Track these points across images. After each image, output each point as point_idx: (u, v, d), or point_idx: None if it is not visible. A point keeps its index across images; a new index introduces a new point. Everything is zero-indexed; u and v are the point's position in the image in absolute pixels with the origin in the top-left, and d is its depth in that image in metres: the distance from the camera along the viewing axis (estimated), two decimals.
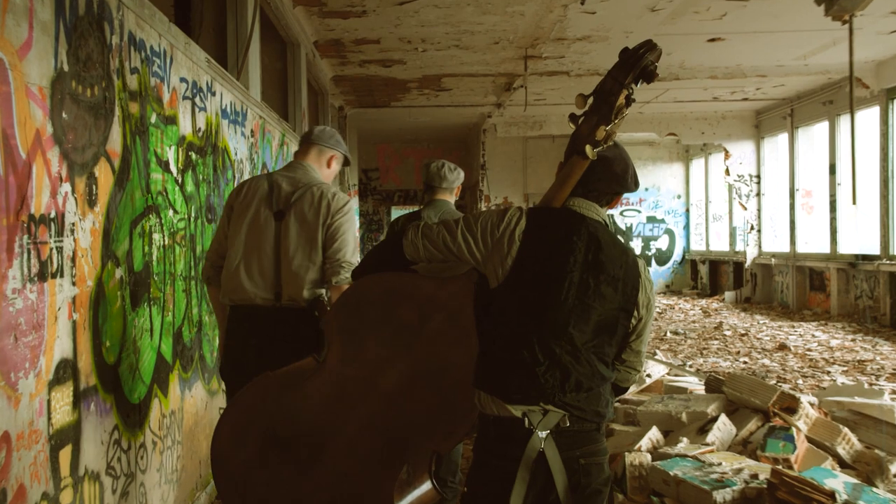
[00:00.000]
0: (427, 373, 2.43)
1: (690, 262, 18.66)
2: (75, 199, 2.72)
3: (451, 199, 4.46)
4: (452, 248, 2.30)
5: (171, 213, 3.85)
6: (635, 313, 2.26)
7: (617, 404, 4.73)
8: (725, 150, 15.74)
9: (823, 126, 12.98)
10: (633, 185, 2.34)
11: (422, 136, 18.37)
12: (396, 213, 20.08)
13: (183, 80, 4.08)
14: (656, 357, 5.84)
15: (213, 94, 4.73)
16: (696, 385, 4.94)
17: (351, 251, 3.39)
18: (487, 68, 10.96)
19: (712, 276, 17.60)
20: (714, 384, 4.48)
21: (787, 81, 12.12)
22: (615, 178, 2.30)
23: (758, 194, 15.57)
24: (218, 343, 3.81)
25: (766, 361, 8.62)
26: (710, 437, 3.94)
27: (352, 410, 2.48)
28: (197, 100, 4.35)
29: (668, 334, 10.91)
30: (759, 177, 15.58)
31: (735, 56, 10.38)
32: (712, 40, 9.49)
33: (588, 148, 2.13)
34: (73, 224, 2.71)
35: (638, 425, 4.43)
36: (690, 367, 7.82)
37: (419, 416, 2.43)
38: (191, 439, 4.10)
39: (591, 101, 2.14)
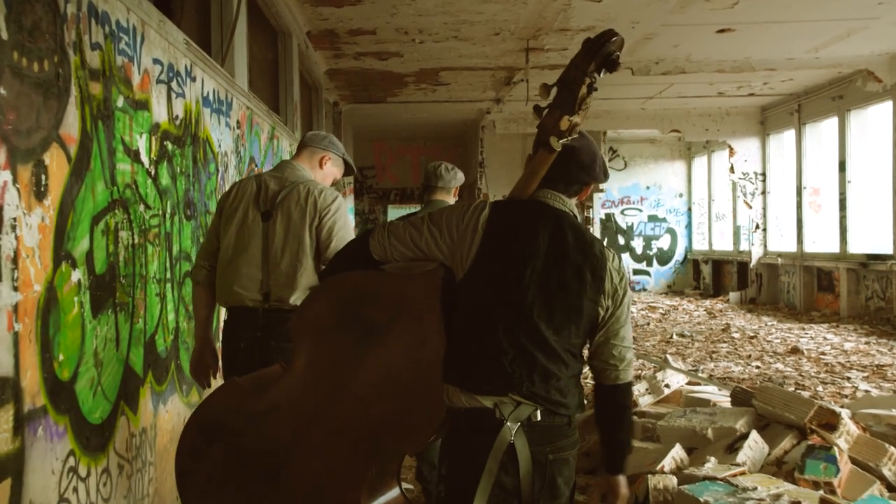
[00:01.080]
0: (395, 372, 2.36)
1: (693, 261, 18.29)
2: (17, 189, 2.33)
3: (449, 199, 4.39)
4: (420, 245, 2.28)
5: (142, 208, 3.46)
6: (601, 302, 2.23)
7: (634, 418, 4.34)
8: (730, 147, 15.35)
9: (832, 122, 12.60)
10: (602, 174, 2.33)
11: (418, 133, 17.96)
12: (392, 212, 19.72)
13: (157, 61, 3.69)
14: (674, 365, 5.46)
15: (193, 79, 4.34)
16: (717, 396, 4.56)
17: None
18: (487, 61, 10.58)
19: (715, 276, 17.23)
20: (741, 396, 4.09)
21: (795, 76, 11.75)
22: (582, 168, 2.29)
23: (763, 192, 15.19)
24: (193, 348, 3.61)
25: (780, 366, 8.24)
26: (740, 457, 3.55)
27: (318, 415, 2.40)
28: (174, 84, 3.96)
29: (675, 337, 10.53)
30: (764, 174, 15.20)
31: (744, 48, 10.01)
32: (722, 31, 9.10)
33: (553, 139, 2.11)
34: (15, 219, 2.31)
35: (658, 442, 4.05)
36: (702, 372, 7.44)
37: (388, 417, 2.35)
38: (165, 459, 3.71)
39: (554, 91, 2.12)
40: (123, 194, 3.22)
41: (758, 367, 8.19)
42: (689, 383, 4.92)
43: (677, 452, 3.70)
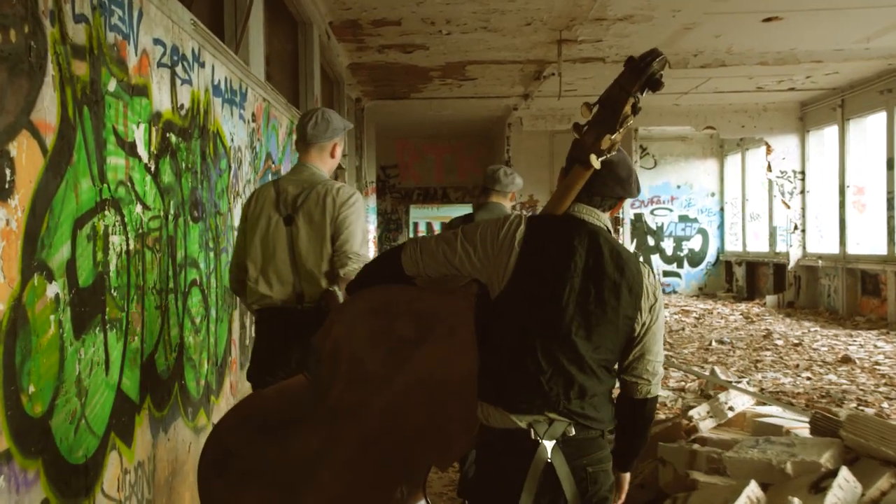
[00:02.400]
0: (425, 388, 2.30)
1: (725, 263, 17.68)
2: None
3: (505, 203, 4.44)
4: (453, 261, 2.26)
5: (138, 208, 3.02)
6: (638, 318, 2.24)
7: (696, 446, 3.85)
8: (767, 144, 14.73)
9: (879, 117, 11.99)
10: (636, 189, 2.34)
11: (443, 130, 17.47)
12: (415, 211, 19.29)
13: (158, 41, 3.25)
14: (738, 385, 4.95)
15: (202, 65, 3.90)
16: (788, 420, 4.04)
17: (358, 243, 3.36)
18: (516, 54, 10.09)
19: (749, 278, 16.61)
20: (824, 425, 3.58)
21: (842, 68, 11.14)
22: (619, 183, 2.29)
23: (802, 192, 14.56)
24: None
25: (833, 377, 7.69)
26: (829, 499, 3.05)
27: (346, 429, 2.33)
28: (179, 69, 3.52)
29: (714, 343, 9.99)
30: (803, 173, 14.57)
31: (790, 39, 9.43)
32: (768, 20, 8.55)
33: (593, 157, 2.13)
34: None
35: (724, 475, 3.55)
36: (751, 384, 6.90)
37: (417, 433, 2.30)
38: (168, 493, 3.27)
39: (596, 109, 2.13)
40: (115, 193, 2.78)
41: (809, 379, 7.65)
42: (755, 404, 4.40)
43: (753, 491, 3.21)
